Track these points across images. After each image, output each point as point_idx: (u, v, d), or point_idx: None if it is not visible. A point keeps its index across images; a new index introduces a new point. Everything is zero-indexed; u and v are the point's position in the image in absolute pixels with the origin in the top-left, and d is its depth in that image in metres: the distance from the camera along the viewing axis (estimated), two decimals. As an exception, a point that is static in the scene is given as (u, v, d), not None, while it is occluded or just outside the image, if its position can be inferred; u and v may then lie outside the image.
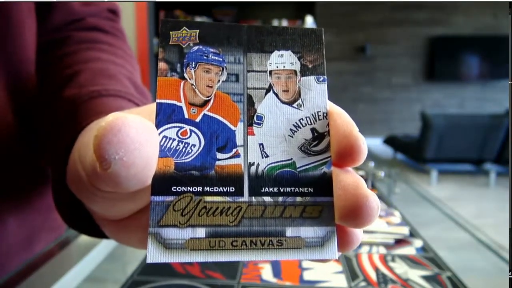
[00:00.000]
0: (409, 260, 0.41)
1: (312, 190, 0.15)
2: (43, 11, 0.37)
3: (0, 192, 0.35)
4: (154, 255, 0.14)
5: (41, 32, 0.37)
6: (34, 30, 0.36)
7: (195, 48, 0.16)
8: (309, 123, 0.16)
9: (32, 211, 0.39)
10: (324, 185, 0.15)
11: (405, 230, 0.48)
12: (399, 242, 0.46)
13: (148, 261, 0.14)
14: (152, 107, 0.17)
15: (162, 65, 0.16)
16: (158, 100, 0.15)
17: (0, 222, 0.35)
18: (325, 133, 0.16)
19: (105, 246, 0.44)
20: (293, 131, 0.16)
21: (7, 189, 0.36)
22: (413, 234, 0.48)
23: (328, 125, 0.16)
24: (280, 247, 0.15)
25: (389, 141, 4.08)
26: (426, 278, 0.38)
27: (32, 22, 0.36)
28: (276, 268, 0.39)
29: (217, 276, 0.37)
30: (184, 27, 0.16)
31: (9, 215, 0.36)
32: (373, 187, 0.70)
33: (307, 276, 0.38)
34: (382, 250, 0.44)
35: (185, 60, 0.16)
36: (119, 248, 0.45)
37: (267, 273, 0.38)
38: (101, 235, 0.25)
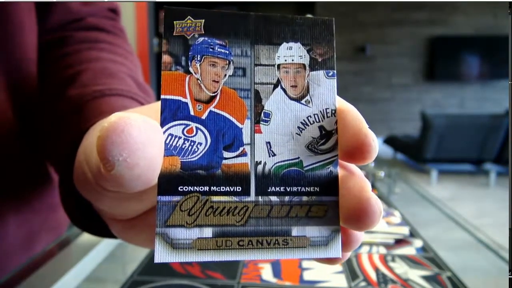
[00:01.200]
0: (409, 260, 0.41)
1: (318, 190, 0.15)
2: (42, 11, 0.37)
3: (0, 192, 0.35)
4: (162, 255, 0.14)
5: (41, 32, 0.37)
6: (35, 30, 0.36)
7: (201, 39, 0.15)
8: (317, 120, 0.15)
9: (32, 211, 0.39)
10: (330, 184, 0.15)
11: (405, 230, 0.48)
12: (399, 242, 0.46)
13: (156, 261, 0.14)
14: (157, 106, 0.17)
15: (166, 58, 0.15)
16: (162, 96, 0.15)
17: (0, 222, 0.35)
18: (333, 131, 0.15)
19: (105, 246, 0.44)
20: (300, 129, 0.15)
21: (6, 189, 0.36)
22: (413, 234, 0.48)
23: (336, 122, 0.15)
24: (285, 246, 0.15)
25: (389, 141, 4.08)
26: (426, 278, 0.38)
27: (32, 22, 0.35)
28: (276, 268, 0.39)
29: (217, 276, 0.37)
30: (189, 17, 0.15)
31: (9, 215, 0.36)
32: (373, 187, 0.70)
33: (307, 276, 0.38)
34: (382, 250, 0.44)
35: (190, 53, 0.15)
36: (119, 248, 0.45)
37: (267, 273, 0.38)
38: (108, 234, 0.25)
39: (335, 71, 0.16)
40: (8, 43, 0.33)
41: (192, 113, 0.15)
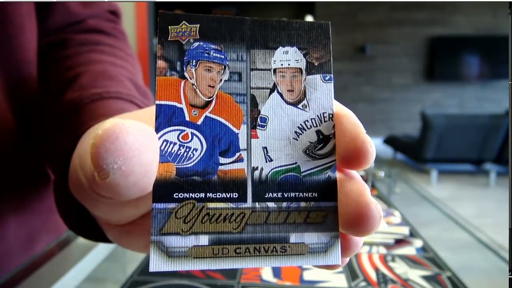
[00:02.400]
0: (409, 260, 0.41)
1: (316, 195, 0.15)
2: (43, 12, 0.37)
3: (0, 193, 0.35)
4: (157, 263, 0.14)
5: (41, 33, 0.37)
6: (35, 32, 0.36)
7: (196, 44, 0.15)
8: (314, 125, 0.15)
9: (32, 212, 0.39)
10: (328, 189, 0.15)
11: (405, 230, 0.48)
12: (399, 242, 0.46)
13: (151, 270, 0.13)
14: (153, 110, 0.17)
15: (161, 63, 0.15)
16: (157, 102, 0.14)
17: (0, 223, 0.35)
18: (331, 136, 0.15)
19: (105, 246, 0.44)
20: (297, 134, 0.15)
21: (7, 190, 0.36)
22: (413, 234, 0.48)
23: (333, 127, 0.15)
24: (283, 253, 0.14)
25: (389, 141, 4.08)
26: (426, 278, 0.38)
27: (32, 23, 0.35)
28: (276, 268, 0.39)
29: (217, 276, 0.37)
30: (184, 21, 0.15)
31: (9, 216, 0.36)
32: (373, 187, 0.70)
33: (307, 276, 0.38)
34: (382, 250, 0.44)
35: (185, 58, 0.15)
36: (119, 248, 0.44)
37: (267, 273, 0.38)
38: (104, 239, 0.25)
39: (332, 75, 0.16)
40: (8, 44, 0.33)
41: (187, 118, 0.15)
